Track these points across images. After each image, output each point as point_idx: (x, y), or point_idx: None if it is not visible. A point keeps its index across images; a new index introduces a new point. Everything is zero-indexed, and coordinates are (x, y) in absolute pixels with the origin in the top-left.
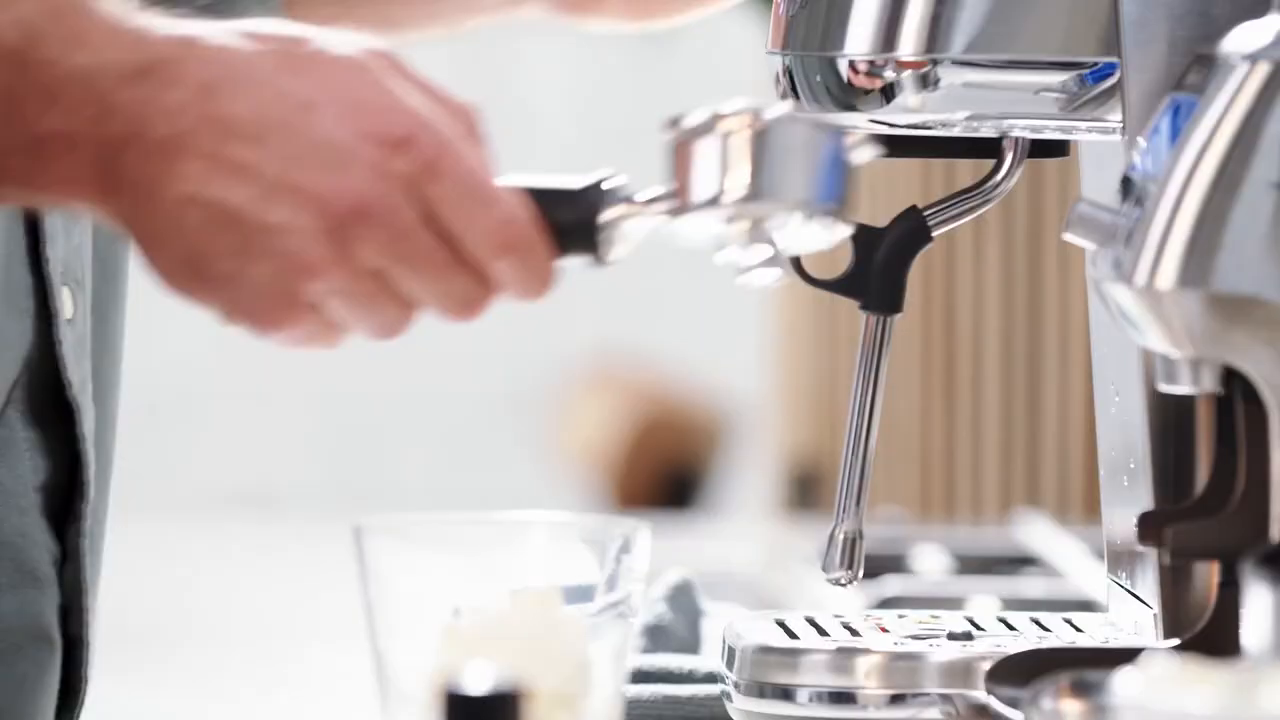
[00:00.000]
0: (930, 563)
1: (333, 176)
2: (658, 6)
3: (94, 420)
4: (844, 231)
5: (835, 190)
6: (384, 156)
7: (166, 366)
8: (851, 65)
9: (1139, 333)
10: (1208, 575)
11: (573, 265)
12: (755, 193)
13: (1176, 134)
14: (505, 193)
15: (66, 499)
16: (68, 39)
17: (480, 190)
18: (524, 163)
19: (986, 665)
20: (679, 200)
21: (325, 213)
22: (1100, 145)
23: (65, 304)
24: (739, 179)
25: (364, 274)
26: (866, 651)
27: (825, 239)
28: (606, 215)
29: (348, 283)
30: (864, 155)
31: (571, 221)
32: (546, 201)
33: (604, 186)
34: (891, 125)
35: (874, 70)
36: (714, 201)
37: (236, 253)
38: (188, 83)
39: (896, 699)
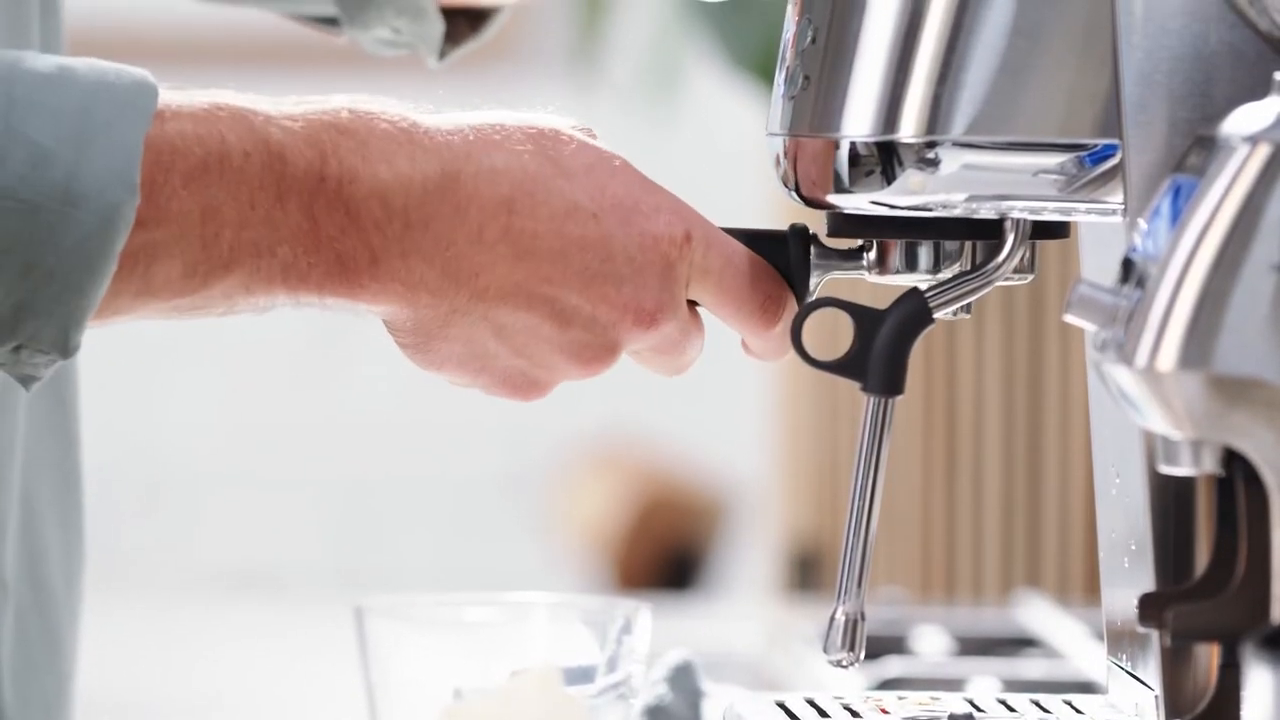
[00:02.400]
0: (931, 644)
1: (627, 289)
2: None
3: None
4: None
5: None
6: (669, 260)
7: (168, 448)
8: (852, 147)
9: (1139, 414)
10: (1209, 657)
11: None
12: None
13: (1177, 215)
14: (756, 269)
15: None
16: (356, 155)
17: (742, 275)
18: None
19: None
20: (883, 264)
21: (619, 324)
22: (1101, 227)
23: None
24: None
25: (647, 351)
26: None
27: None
28: (817, 262)
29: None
30: None
31: (784, 267)
32: (760, 247)
33: (805, 235)
34: (892, 207)
35: (874, 152)
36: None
37: (519, 355)
38: (485, 200)
39: None
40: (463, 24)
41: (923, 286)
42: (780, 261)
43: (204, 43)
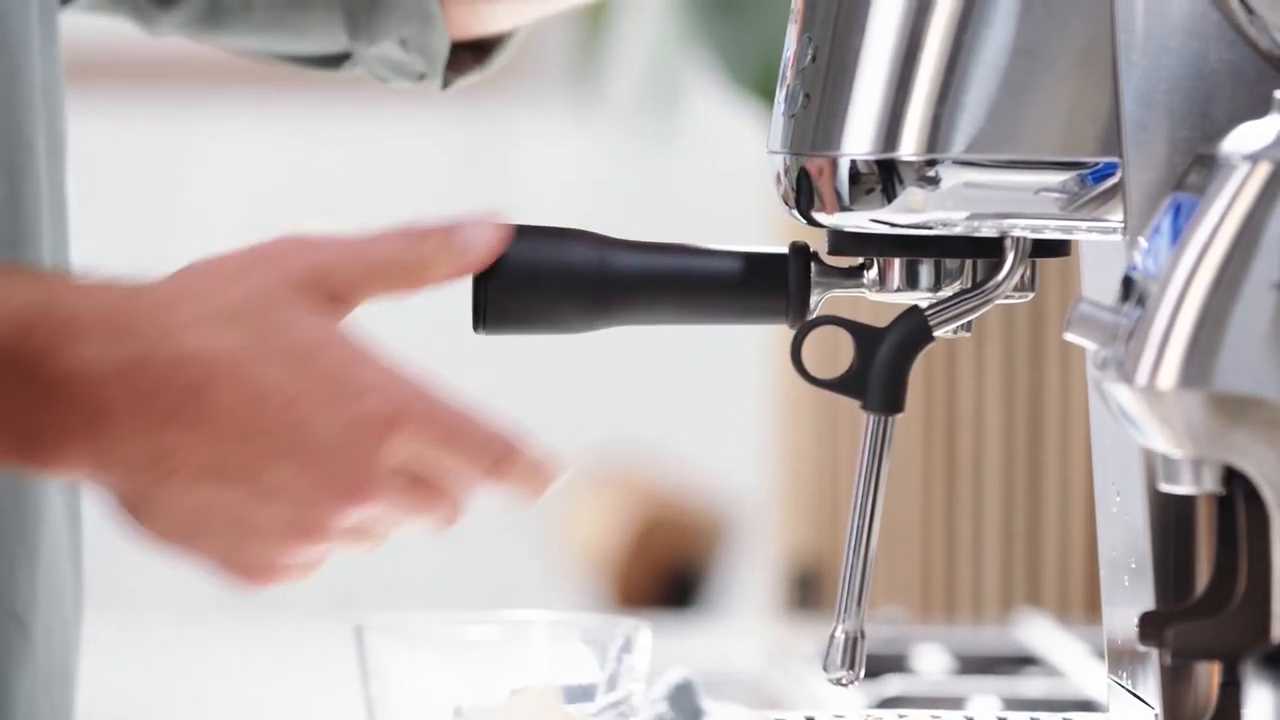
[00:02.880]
0: (931, 662)
1: (328, 467)
2: None
3: None
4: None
5: None
6: (376, 440)
7: None
8: (852, 165)
9: (1140, 432)
10: (1209, 675)
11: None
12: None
13: (1177, 234)
14: (482, 424)
15: None
16: (56, 334)
17: (466, 438)
18: None
19: None
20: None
21: (319, 502)
22: (1101, 245)
23: None
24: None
25: (353, 532)
26: None
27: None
28: (818, 280)
29: (337, 541)
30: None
31: (779, 287)
32: (761, 266)
33: (806, 253)
34: (893, 225)
35: (875, 170)
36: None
37: (227, 534)
38: (175, 384)
39: None
40: (467, 56)
41: (923, 304)
42: (780, 280)
43: (203, 65)
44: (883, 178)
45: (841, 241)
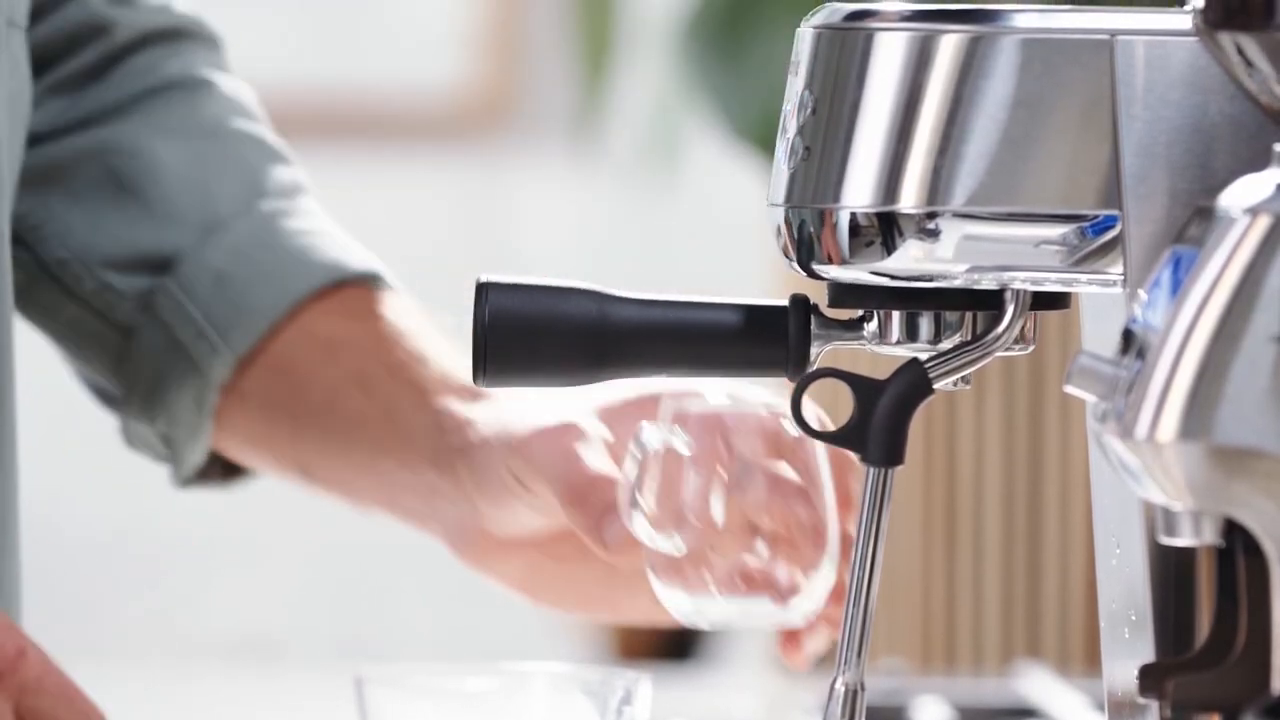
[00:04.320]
0: (931, 714)
1: None
2: (558, 595)
3: None
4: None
5: None
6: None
7: (167, 515)
8: (853, 218)
9: (1140, 485)
10: None
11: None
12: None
13: (1177, 286)
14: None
15: None
16: None
17: (74, 701)
18: None
19: None
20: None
21: None
22: (1101, 297)
23: None
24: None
25: None
26: None
27: None
28: (818, 333)
29: None
30: None
31: (779, 339)
32: (761, 319)
33: (806, 305)
34: (892, 277)
35: (875, 223)
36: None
37: None
38: None
39: None
40: (218, 469)
41: (923, 357)
42: (780, 332)
43: None
44: (883, 230)
45: (841, 294)
